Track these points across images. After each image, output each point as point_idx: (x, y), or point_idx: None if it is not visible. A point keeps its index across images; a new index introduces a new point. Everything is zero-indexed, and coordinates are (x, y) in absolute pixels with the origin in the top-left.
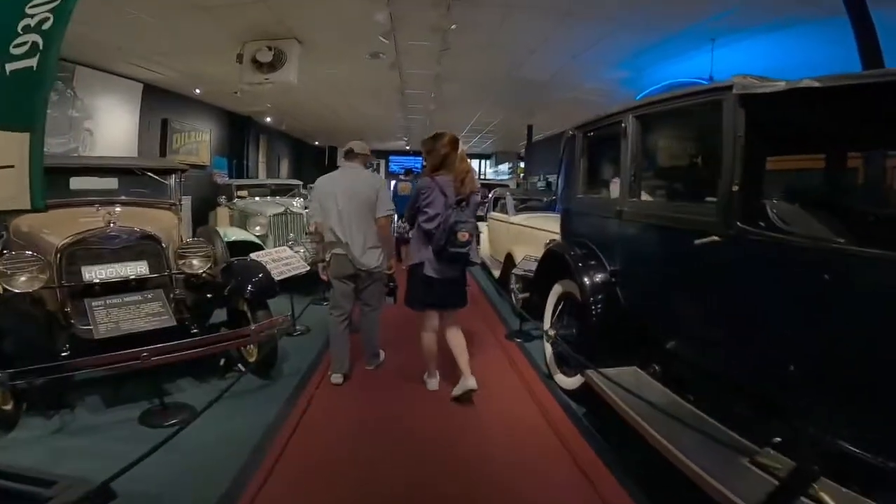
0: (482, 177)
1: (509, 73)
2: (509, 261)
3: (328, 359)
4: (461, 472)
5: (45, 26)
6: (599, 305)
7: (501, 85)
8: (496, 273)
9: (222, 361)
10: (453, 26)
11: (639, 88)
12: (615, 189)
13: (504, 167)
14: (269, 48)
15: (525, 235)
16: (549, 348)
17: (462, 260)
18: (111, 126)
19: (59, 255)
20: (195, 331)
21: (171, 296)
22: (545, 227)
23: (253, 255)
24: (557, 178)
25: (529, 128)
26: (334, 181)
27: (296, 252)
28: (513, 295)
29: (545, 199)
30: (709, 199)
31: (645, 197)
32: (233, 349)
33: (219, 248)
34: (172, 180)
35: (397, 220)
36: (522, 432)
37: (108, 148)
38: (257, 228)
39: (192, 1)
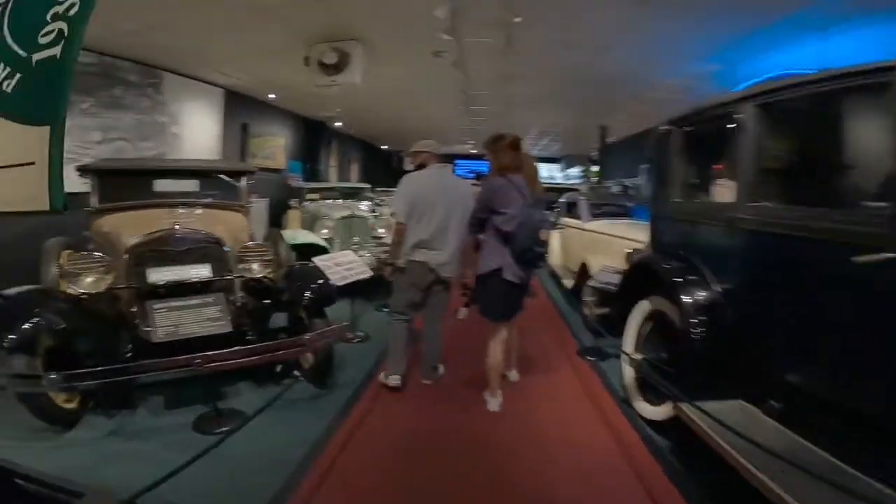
0: (551, 181)
1: (581, 70)
2: (583, 271)
3: (384, 365)
4: None
5: (72, 12)
6: (702, 329)
7: (572, 83)
8: (568, 283)
9: (279, 367)
10: (517, 19)
11: (730, 83)
12: (722, 192)
13: (574, 171)
14: (333, 50)
15: (602, 244)
16: (628, 371)
17: (537, 262)
18: (196, 131)
19: (128, 256)
20: (251, 337)
21: (232, 299)
22: (626, 235)
23: (316, 260)
24: (645, 180)
25: (603, 129)
26: (431, 183)
27: (360, 256)
28: (586, 308)
29: (629, 205)
30: (870, 204)
31: (769, 202)
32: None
33: (282, 251)
34: (243, 182)
35: None
36: (592, 463)
37: (194, 152)
38: (324, 232)
39: (256, 4)
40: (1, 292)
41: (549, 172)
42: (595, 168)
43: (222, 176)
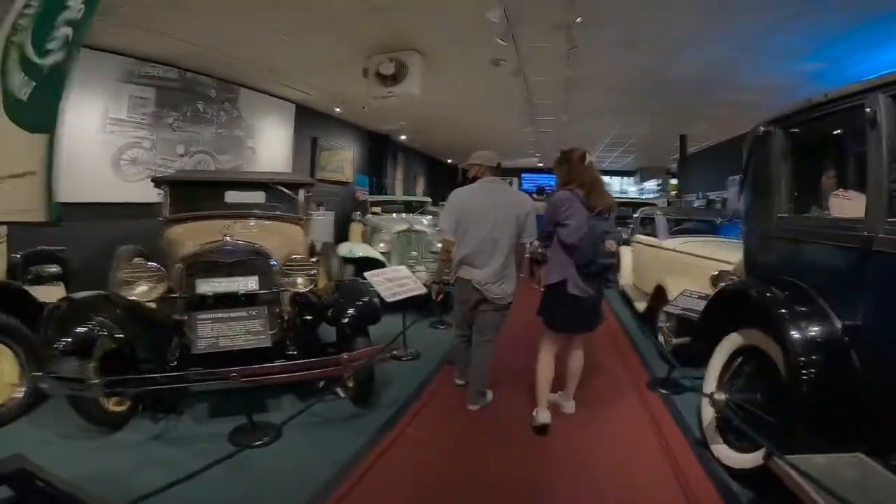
0: (623, 195)
1: (653, 73)
2: (660, 294)
3: (442, 375)
4: None
5: (79, 16)
6: (816, 371)
7: (644, 89)
8: (640, 306)
9: (321, 383)
10: (578, 20)
11: (834, 83)
12: (843, 206)
13: (651, 184)
14: (391, 60)
15: (682, 264)
16: (708, 410)
17: (605, 275)
18: (271, 144)
19: (182, 266)
20: (292, 352)
21: (277, 312)
22: (711, 255)
23: (368, 275)
24: (736, 192)
25: (682, 138)
26: (477, 197)
27: (416, 272)
28: (662, 336)
29: (719, 220)
30: None
31: None
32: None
33: (334, 265)
34: (301, 194)
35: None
36: None
37: (268, 165)
38: (381, 245)
39: (315, 13)
40: (69, 295)
41: (621, 186)
42: (674, 181)
43: (281, 188)
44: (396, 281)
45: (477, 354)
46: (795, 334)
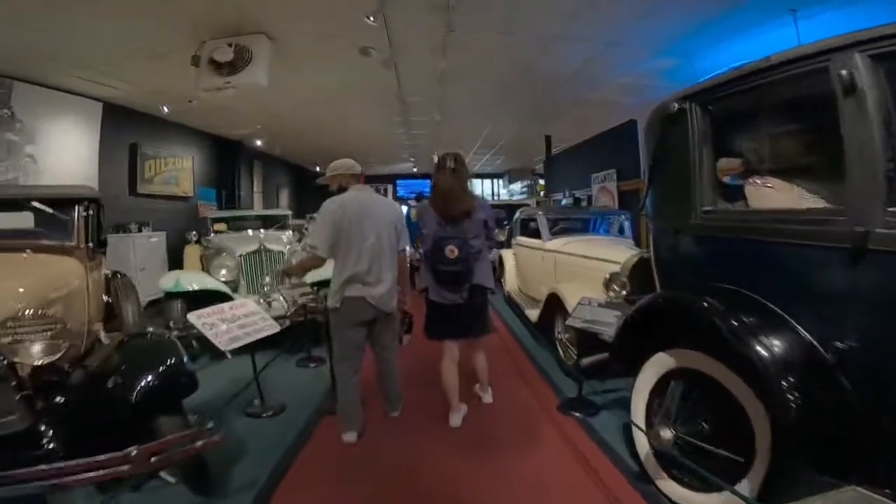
0: (496, 198)
1: (526, 66)
2: (554, 302)
3: (321, 430)
4: None
5: None
6: (800, 401)
7: (516, 85)
8: (532, 315)
9: None
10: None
11: (688, 79)
12: (760, 195)
13: (518, 186)
14: (230, 45)
15: (573, 268)
16: (642, 439)
17: (460, 281)
18: (62, 152)
19: None
20: (53, 445)
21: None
22: (599, 256)
23: (192, 316)
24: (646, 184)
25: (548, 139)
26: (354, 208)
27: (271, 301)
28: (562, 349)
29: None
30: None
31: None
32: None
33: (129, 314)
34: (77, 213)
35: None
36: None
37: (57, 177)
38: (222, 272)
39: None
40: None
41: (493, 189)
42: (542, 181)
43: (39, 205)
44: (238, 320)
45: (388, 368)
46: (767, 359)
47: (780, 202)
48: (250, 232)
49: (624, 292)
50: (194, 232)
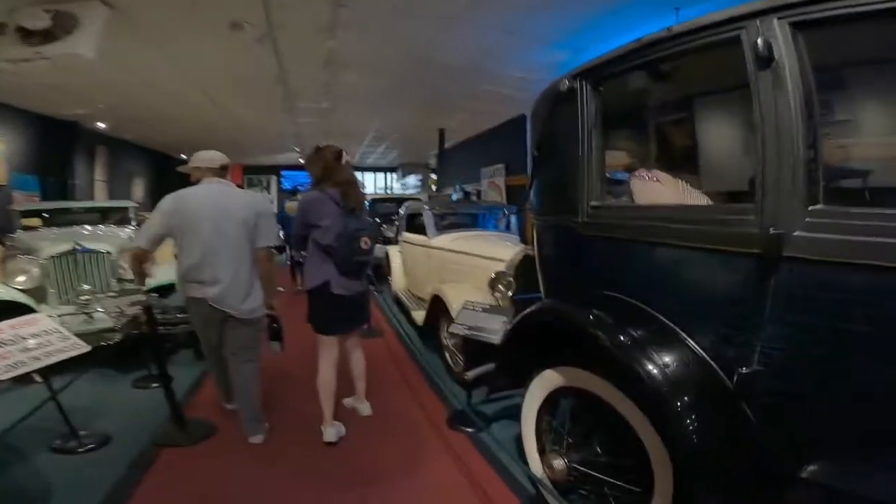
0: (388, 192)
1: (421, 52)
2: (438, 304)
3: (156, 469)
4: None
5: None
6: (701, 433)
7: (411, 73)
8: (418, 317)
9: None
10: None
11: None
12: (645, 190)
13: (411, 179)
14: (47, 11)
15: (458, 266)
16: (537, 462)
17: (364, 271)
18: None
19: None
20: None
21: None
22: (485, 254)
23: None
24: (529, 175)
25: (441, 132)
26: (197, 201)
27: (91, 313)
28: (448, 356)
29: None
30: None
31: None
32: None
33: None
34: None
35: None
36: None
37: None
38: (19, 279)
39: None
40: None
41: (386, 183)
42: (434, 176)
43: None
44: (22, 342)
45: (239, 379)
46: (658, 383)
47: (665, 199)
48: (79, 228)
49: (510, 293)
50: None
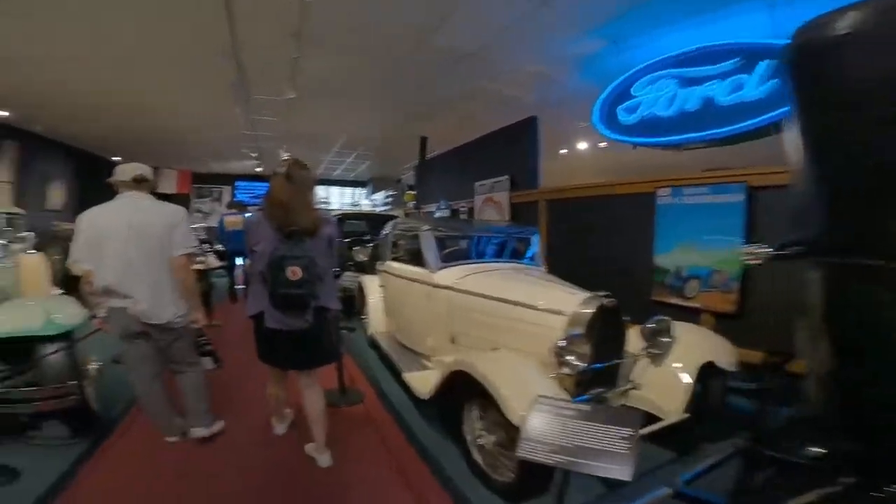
0: (353, 207)
1: (407, 36)
2: (462, 383)
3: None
4: None
5: None
6: None
7: (393, 61)
8: (419, 387)
9: None
10: None
11: (610, 73)
12: None
13: (380, 196)
14: None
15: (484, 317)
16: None
17: (304, 305)
18: None
19: None
20: None
21: None
22: (548, 306)
23: None
24: (805, 181)
25: (423, 140)
26: (110, 215)
27: None
28: (481, 457)
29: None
30: None
31: None
32: None
33: None
34: None
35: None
36: None
37: None
38: None
39: None
40: None
41: (353, 199)
42: (411, 191)
43: None
44: None
45: (186, 384)
46: None
47: None
48: None
49: (582, 365)
50: None
